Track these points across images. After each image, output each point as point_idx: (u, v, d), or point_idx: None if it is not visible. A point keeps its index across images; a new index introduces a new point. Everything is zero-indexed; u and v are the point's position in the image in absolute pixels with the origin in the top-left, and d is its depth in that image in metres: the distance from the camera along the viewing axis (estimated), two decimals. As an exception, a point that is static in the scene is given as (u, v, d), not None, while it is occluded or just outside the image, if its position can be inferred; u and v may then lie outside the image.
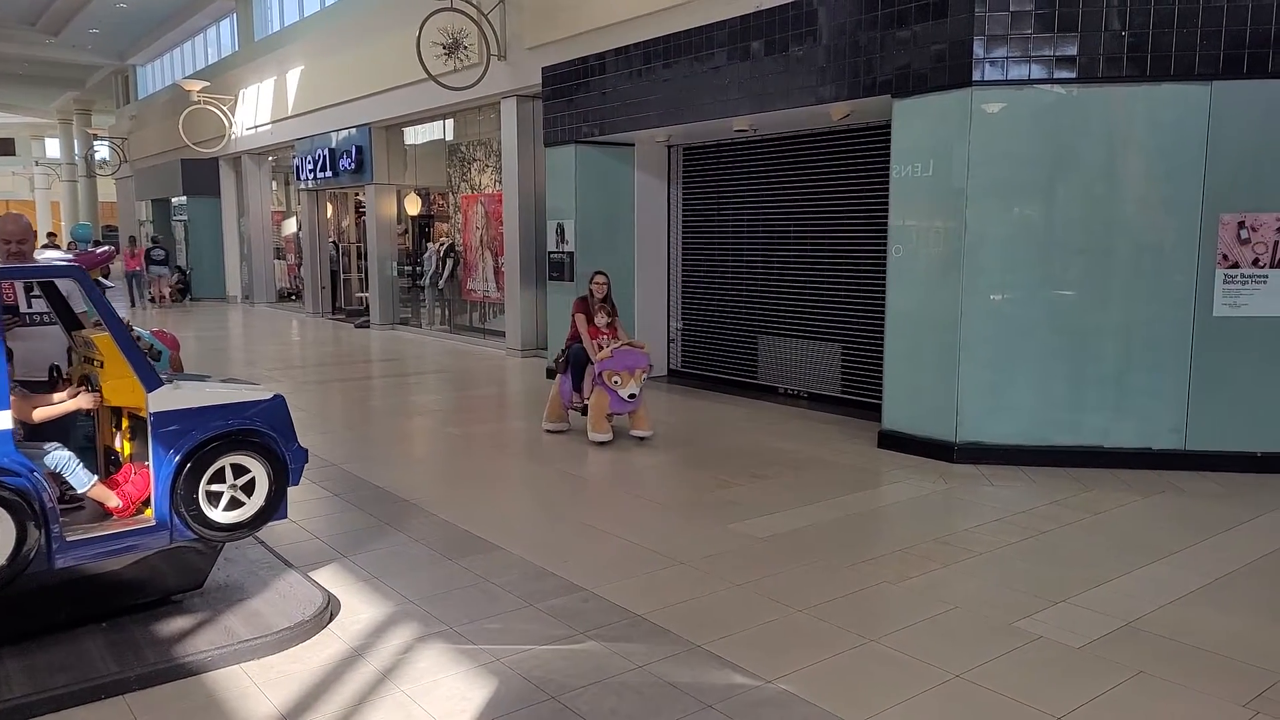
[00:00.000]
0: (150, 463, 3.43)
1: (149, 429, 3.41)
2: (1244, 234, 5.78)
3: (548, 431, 7.27)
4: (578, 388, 7.07)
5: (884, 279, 6.81)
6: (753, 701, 3.09)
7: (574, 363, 7.11)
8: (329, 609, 3.75)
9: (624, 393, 6.67)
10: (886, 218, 6.73)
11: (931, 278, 6.40)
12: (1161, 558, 4.46)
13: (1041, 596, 3.99)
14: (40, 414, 3.46)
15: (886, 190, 6.73)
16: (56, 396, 3.61)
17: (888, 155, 6.70)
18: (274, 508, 3.66)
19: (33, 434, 3.52)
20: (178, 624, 3.53)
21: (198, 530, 3.48)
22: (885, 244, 6.77)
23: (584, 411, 7.00)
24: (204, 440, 3.45)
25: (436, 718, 2.98)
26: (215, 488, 3.51)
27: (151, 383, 3.43)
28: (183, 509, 3.42)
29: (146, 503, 3.48)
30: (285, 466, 3.68)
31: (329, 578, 4.17)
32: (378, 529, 4.94)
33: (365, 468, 6.28)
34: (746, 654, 3.43)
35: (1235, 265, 5.82)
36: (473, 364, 11.70)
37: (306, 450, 3.84)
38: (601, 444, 6.75)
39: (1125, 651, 3.46)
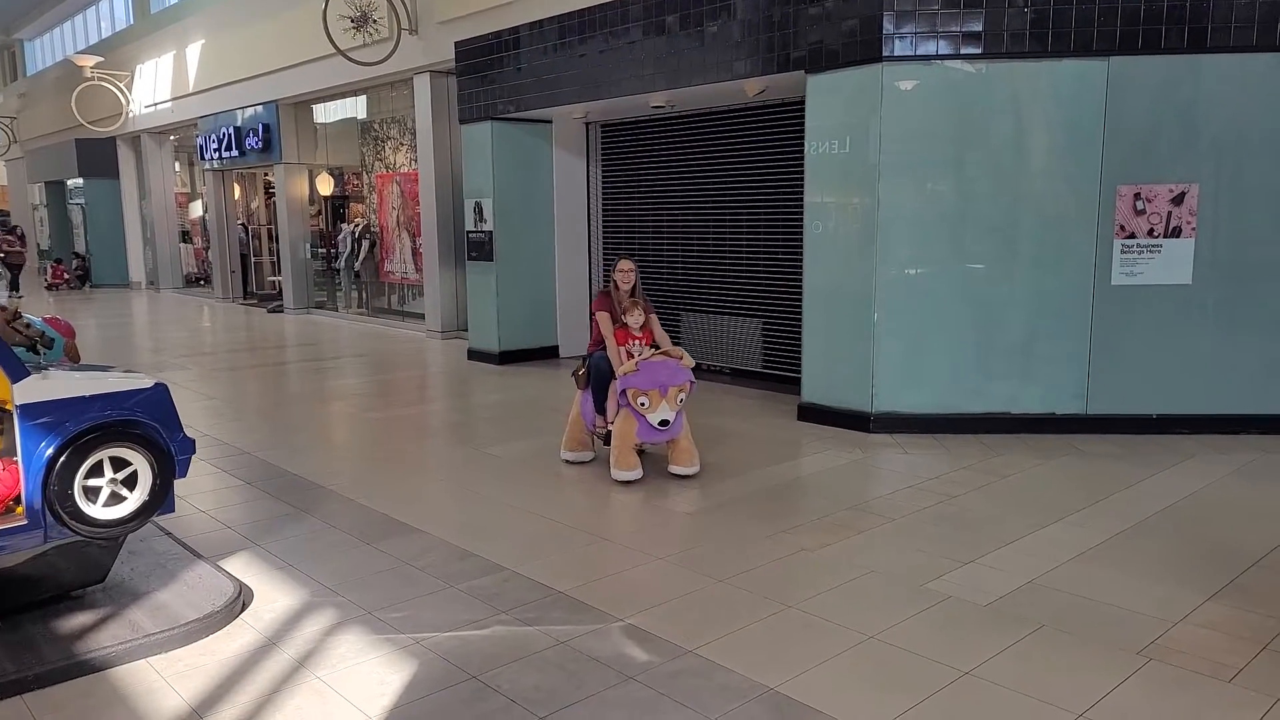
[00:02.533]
0: (19, 458, 3.25)
1: (16, 422, 3.23)
2: (1140, 205, 6.05)
3: (567, 462, 5.76)
4: (601, 409, 5.62)
5: (802, 255, 6.90)
6: (673, 671, 3.12)
7: (595, 376, 5.59)
8: (241, 599, 3.64)
9: (653, 418, 5.15)
10: (803, 194, 6.82)
11: (847, 253, 6.51)
12: (1063, 517, 4.66)
13: (951, 558, 4.13)
14: None
15: (803, 167, 6.81)
16: None
17: (803, 132, 6.78)
18: (159, 501, 3.51)
19: None
20: (79, 620, 3.38)
21: (75, 528, 3.31)
22: (803, 220, 6.86)
23: (607, 440, 5.56)
24: (79, 433, 3.29)
25: (354, 703, 2.93)
26: (93, 482, 3.35)
27: (16, 373, 3.24)
28: (57, 506, 3.25)
29: (18, 500, 3.31)
30: (170, 458, 3.53)
31: (241, 567, 4.05)
32: (293, 516, 4.81)
33: (280, 455, 6.11)
34: (667, 626, 3.46)
35: (1132, 236, 6.08)
36: (392, 347, 11.48)
37: (193, 440, 3.68)
38: (626, 483, 5.29)
39: (1028, 608, 3.61)
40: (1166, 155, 6.03)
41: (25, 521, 3.24)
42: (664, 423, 5.18)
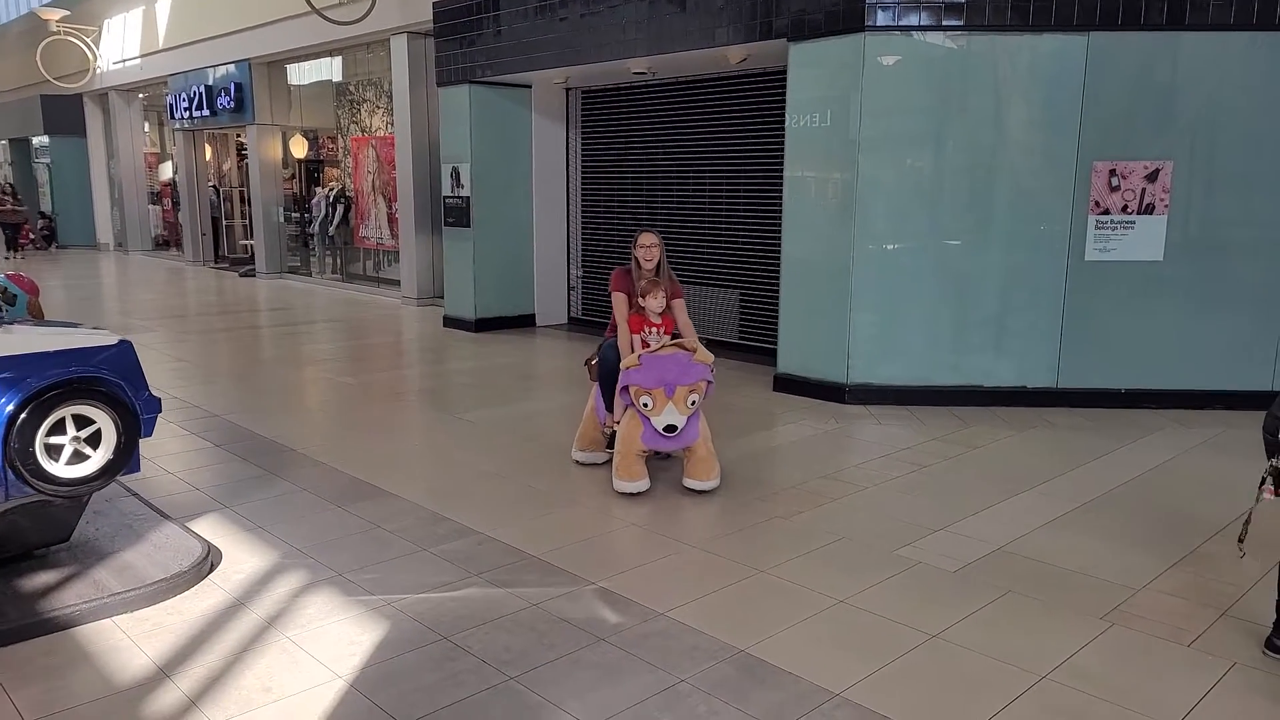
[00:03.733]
0: None
1: None
2: (1115, 181, 6.08)
3: (578, 463, 5.03)
4: (611, 405, 4.86)
5: (780, 227, 6.89)
6: (644, 633, 3.14)
7: (604, 368, 4.91)
8: (209, 559, 3.61)
9: (658, 422, 4.35)
10: (782, 166, 6.79)
11: (825, 226, 6.51)
12: (1032, 487, 4.72)
13: (921, 526, 4.17)
14: None
15: (783, 139, 6.78)
16: None
17: (784, 103, 6.74)
18: (124, 460, 3.45)
19: None
20: (42, 579, 3.34)
21: (36, 486, 3.24)
22: (781, 192, 6.83)
23: (613, 441, 4.81)
24: (40, 389, 3.22)
25: (324, 662, 2.92)
26: (55, 440, 3.29)
27: None
28: (18, 463, 3.19)
29: None
30: (135, 416, 3.47)
31: (209, 528, 4.01)
32: (263, 479, 4.77)
33: (251, 418, 6.04)
34: (639, 589, 3.47)
35: (1106, 212, 6.12)
36: (366, 313, 11.37)
37: (159, 399, 3.62)
38: (631, 495, 4.50)
39: (996, 574, 3.66)
40: (1143, 132, 6.05)
41: None
42: (670, 429, 4.35)
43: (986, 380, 6.40)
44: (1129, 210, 6.09)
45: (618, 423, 4.72)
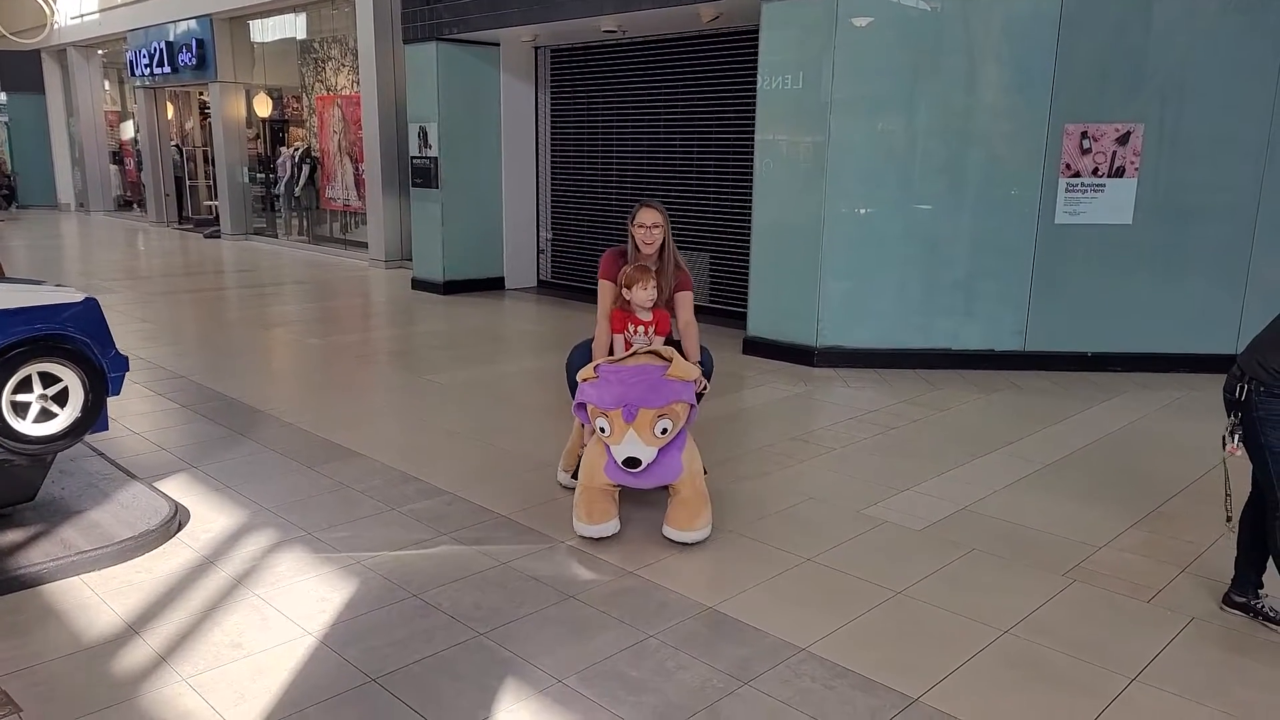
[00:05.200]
0: None
1: None
2: (1086, 144, 6.11)
3: (564, 487, 4.10)
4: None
5: (751, 190, 6.87)
6: (613, 591, 3.16)
7: (571, 376, 3.82)
8: (176, 518, 3.58)
9: (618, 453, 3.39)
10: (754, 129, 6.75)
11: (796, 189, 6.50)
12: (997, 448, 4.80)
13: (888, 486, 4.23)
14: None
15: (754, 101, 6.73)
16: None
17: (756, 63, 6.68)
18: (92, 418, 3.42)
19: None
20: (8, 538, 3.29)
21: (3, 443, 3.21)
22: (753, 154, 6.80)
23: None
24: (5, 346, 3.16)
25: (294, 619, 2.92)
26: (21, 398, 3.24)
27: None
28: None
29: None
30: (102, 375, 3.42)
31: (177, 488, 3.97)
32: (230, 439, 4.72)
33: (217, 379, 5.96)
34: (609, 548, 3.49)
35: (1077, 174, 6.16)
36: (334, 275, 11.22)
37: (126, 358, 3.58)
38: (593, 540, 3.54)
39: (961, 532, 3.73)
40: (1115, 95, 6.08)
41: None
42: (632, 463, 3.34)
43: (955, 343, 6.46)
44: (1099, 173, 6.13)
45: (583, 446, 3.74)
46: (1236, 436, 2.91)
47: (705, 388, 3.67)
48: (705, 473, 3.72)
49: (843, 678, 2.66)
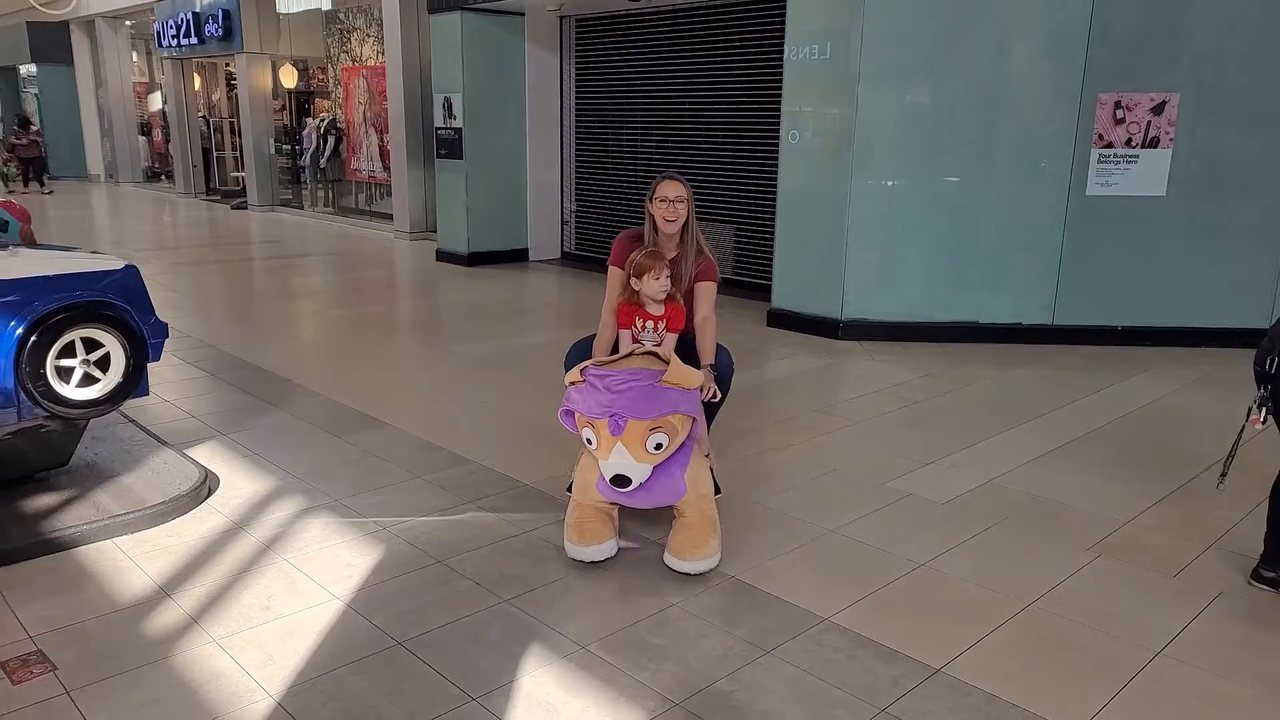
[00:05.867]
0: None
1: None
2: (1119, 114, 5.99)
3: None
4: None
5: (776, 160, 6.80)
6: (636, 560, 3.18)
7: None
8: (207, 484, 3.64)
9: (605, 469, 2.92)
10: (780, 98, 6.67)
11: (822, 161, 6.42)
12: (1023, 423, 4.75)
13: (913, 459, 4.21)
14: None
15: (781, 70, 6.65)
16: None
17: (781, 34, 6.59)
18: (133, 384, 3.48)
19: None
20: (43, 501, 3.37)
21: (48, 407, 3.27)
22: (778, 125, 6.73)
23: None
24: (48, 312, 3.21)
25: (321, 583, 2.97)
26: (65, 363, 3.30)
27: None
28: (29, 385, 3.21)
29: None
30: (142, 341, 3.47)
31: (207, 455, 4.03)
32: (259, 408, 4.78)
33: (245, 349, 6.03)
34: (631, 518, 3.50)
35: (1110, 145, 6.04)
36: (359, 247, 11.28)
37: (166, 324, 3.63)
38: (588, 564, 3.12)
39: (985, 506, 3.71)
40: (1150, 63, 5.94)
41: None
42: (621, 481, 2.87)
43: (982, 317, 6.39)
44: (1133, 144, 6.01)
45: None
46: (1264, 409, 2.87)
47: (718, 397, 3.28)
48: (718, 493, 3.30)
49: (865, 648, 2.66)
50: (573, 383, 2.97)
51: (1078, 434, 4.59)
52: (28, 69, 21.67)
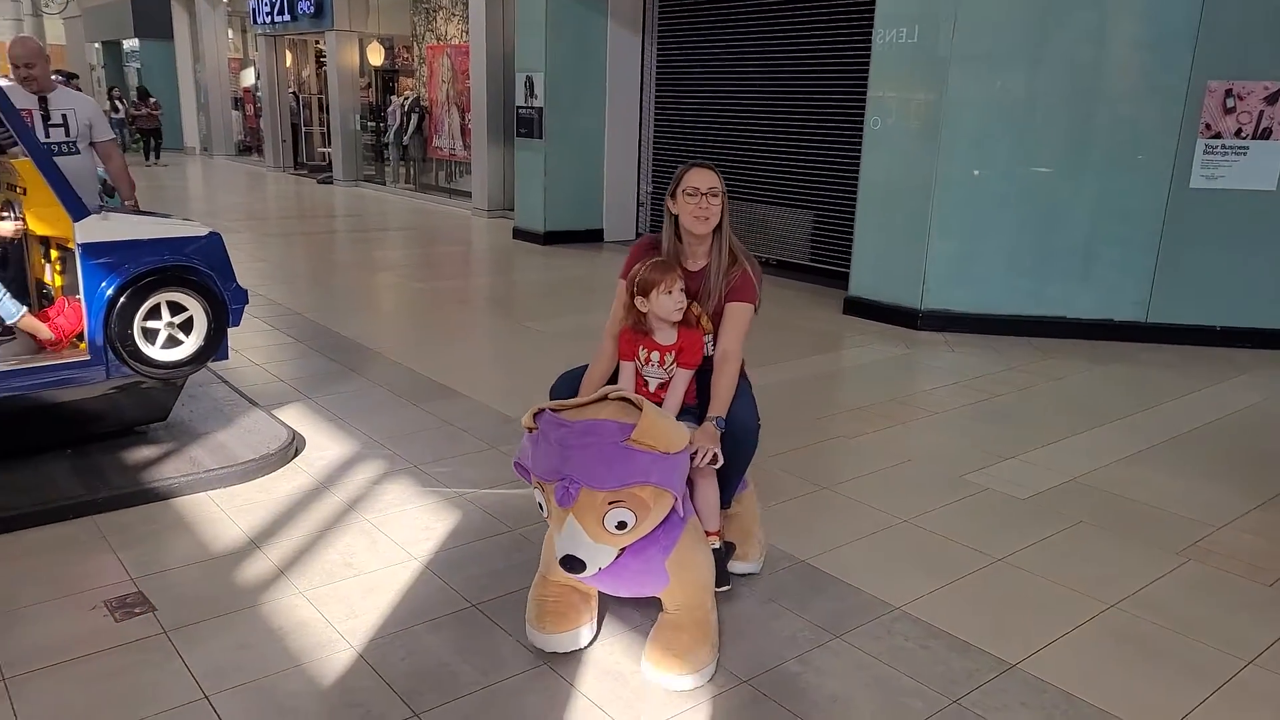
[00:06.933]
0: (82, 296, 3.34)
1: (78, 260, 3.30)
2: (1230, 103, 5.71)
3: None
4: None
5: (859, 146, 6.68)
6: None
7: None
8: (294, 445, 3.77)
9: (557, 544, 2.22)
10: (865, 83, 6.54)
11: (908, 148, 6.28)
12: (1110, 421, 4.60)
13: (991, 453, 4.11)
14: None
15: (867, 54, 6.52)
16: None
17: (869, 18, 6.46)
18: (213, 347, 3.61)
19: None
20: (143, 453, 3.53)
21: (134, 367, 3.42)
22: (863, 110, 6.61)
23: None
24: (137, 275, 3.35)
25: (400, 544, 3.05)
26: (151, 324, 3.44)
27: (78, 211, 3.29)
28: (118, 344, 3.36)
29: (81, 336, 3.42)
30: (224, 306, 3.60)
31: (293, 416, 4.17)
32: (342, 374, 4.92)
33: (329, 317, 6.21)
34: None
35: (1218, 135, 5.77)
36: (438, 223, 11.48)
37: (246, 291, 3.76)
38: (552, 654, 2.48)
39: (1068, 503, 3.60)
40: (1266, 50, 5.63)
41: (88, 357, 3.35)
42: (572, 564, 2.19)
43: (1069, 311, 6.19)
44: (1243, 134, 5.72)
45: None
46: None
47: (719, 462, 2.44)
48: (724, 585, 2.65)
49: (937, 638, 2.62)
50: (528, 428, 2.28)
51: (1169, 435, 4.43)
52: (131, 44, 22.57)
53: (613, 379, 2.77)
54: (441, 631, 2.55)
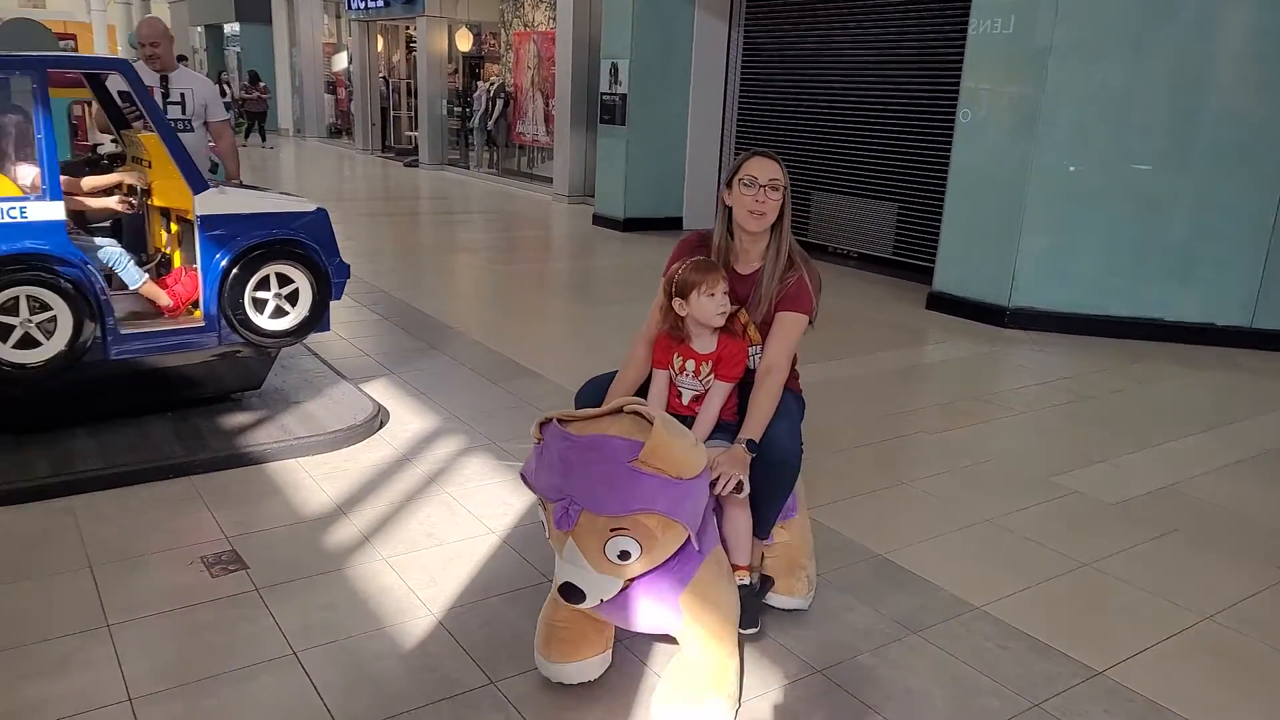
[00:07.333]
0: (199, 265, 3.49)
1: (196, 231, 3.45)
2: (1351, 99, 5.39)
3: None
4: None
5: (947, 138, 6.52)
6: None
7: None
8: (379, 417, 3.87)
9: (557, 570, 1.99)
10: (956, 74, 6.37)
11: (1001, 140, 6.10)
12: (1209, 429, 4.41)
13: (1079, 455, 3.98)
14: (89, 182, 3.56)
15: (959, 45, 6.35)
16: (100, 179, 3.71)
17: (962, 7, 6.28)
18: (317, 319, 3.74)
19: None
20: (238, 419, 3.68)
21: (244, 334, 3.57)
22: (952, 101, 6.44)
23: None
24: (249, 247, 3.49)
25: (480, 517, 3.11)
26: (261, 295, 3.58)
27: (198, 185, 3.45)
28: (229, 312, 3.50)
29: (196, 304, 3.57)
30: (328, 279, 3.72)
31: (378, 390, 4.29)
32: (424, 351, 5.04)
33: (412, 295, 6.36)
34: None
35: (1334, 134, 5.46)
36: (518, 207, 11.63)
37: (348, 265, 3.87)
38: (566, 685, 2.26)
39: (1160, 511, 3.47)
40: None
41: (202, 324, 3.51)
42: (571, 593, 1.97)
43: (1167, 314, 5.94)
44: (1364, 133, 5.40)
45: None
46: None
47: (744, 490, 2.18)
48: (751, 627, 2.39)
49: (1018, 640, 2.56)
50: (533, 437, 2.04)
51: (1271, 446, 4.22)
52: (231, 28, 23.38)
53: (644, 389, 2.51)
54: (518, 604, 2.60)
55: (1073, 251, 6.02)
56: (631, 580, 2.01)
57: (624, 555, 1.93)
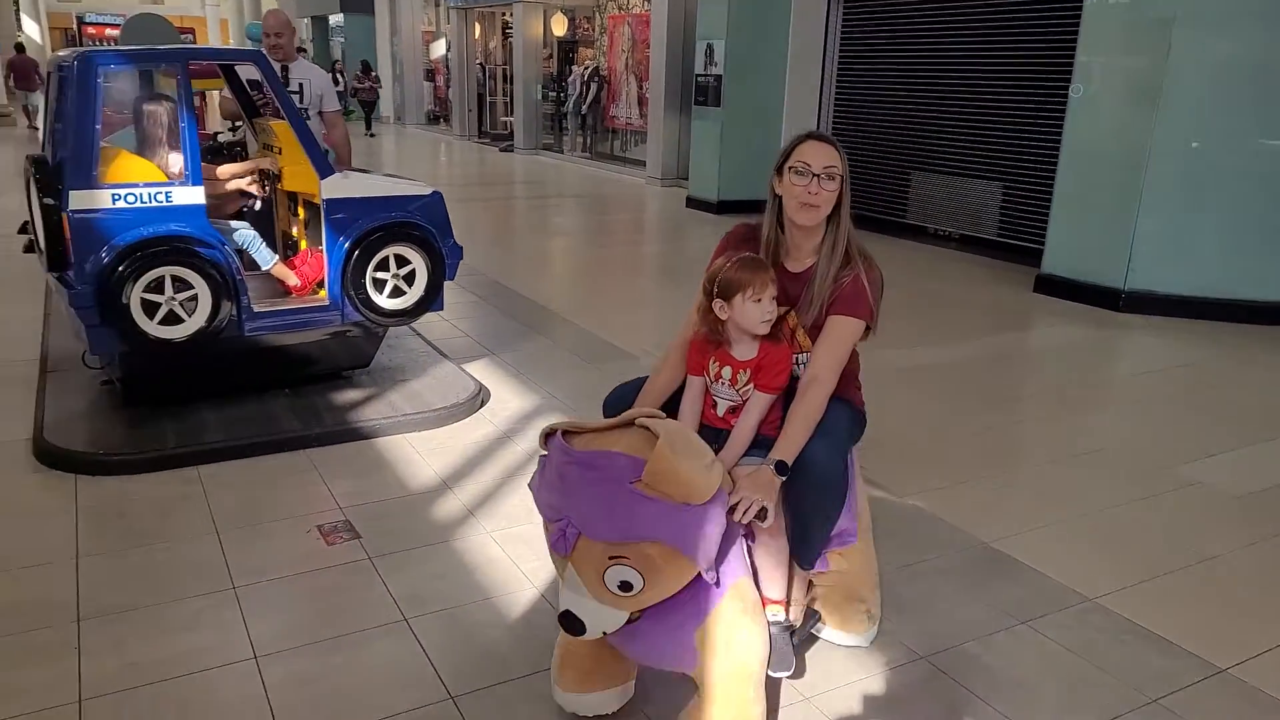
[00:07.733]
0: (324, 247, 3.64)
1: (322, 215, 3.59)
2: None
3: None
4: None
5: (1056, 115, 6.24)
6: (883, 512, 3.12)
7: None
8: (480, 396, 3.97)
9: (561, 593, 1.80)
10: (1067, 47, 6.09)
11: (1120, 116, 5.81)
12: (1345, 420, 4.13)
13: (1200, 446, 3.79)
14: (225, 170, 3.74)
15: (1068, 17, 6.06)
16: (238, 166, 3.90)
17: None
18: (431, 298, 3.85)
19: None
20: (349, 396, 3.83)
21: (365, 314, 3.70)
22: (1062, 77, 6.16)
23: None
24: (370, 229, 3.61)
25: (580, 495, 3.17)
26: (380, 275, 3.70)
27: (324, 170, 3.59)
28: (352, 292, 3.64)
29: (321, 284, 3.73)
30: (442, 260, 3.82)
31: (479, 370, 4.39)
32: (523, 332, 5.13)
33: (510, 278, 6.48)
34: (880, 470, 3.43)
35: None
36: (612, 191, 11.69)
37: (461, 247, 3.97)
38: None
39: (1290, 505, 3.28)
40: None
41: (327, 303, 3.67)
42: (571, 622, 1.77)
43: (1298, 298, 5.59)
44: None
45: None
46: None
47: (766, 520, 1.84)
48: (786, 671, 2.07)
49: (1134, 634, 2.46)
50: (540, 451, 1.89)
51: None
52: (336, 19, 24.14)
53: (676, 397, 2.20)
54: (618, 580, 2.64)
55: (1194, 232, 5.70)
56: (641, 611, 1.80)
57: (625, 586, 1.71)
